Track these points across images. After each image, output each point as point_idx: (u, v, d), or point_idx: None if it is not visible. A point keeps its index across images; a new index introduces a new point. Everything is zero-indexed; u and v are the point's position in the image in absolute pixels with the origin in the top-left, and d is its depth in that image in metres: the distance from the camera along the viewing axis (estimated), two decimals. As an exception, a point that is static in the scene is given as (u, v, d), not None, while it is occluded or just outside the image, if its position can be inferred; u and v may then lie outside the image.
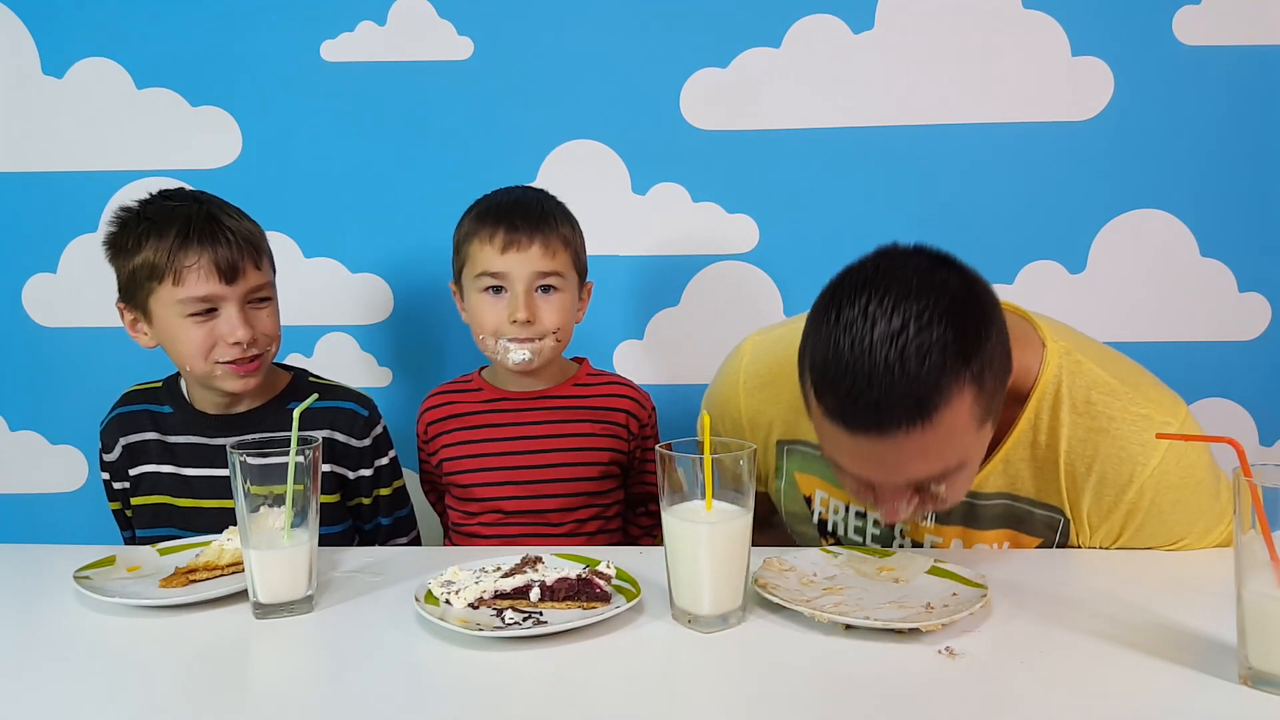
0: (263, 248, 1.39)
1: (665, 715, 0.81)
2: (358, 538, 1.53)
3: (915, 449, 0.95)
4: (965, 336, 0.94)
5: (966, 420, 0.96)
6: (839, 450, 1.02)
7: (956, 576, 1.03)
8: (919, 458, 0.97)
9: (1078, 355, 1.15)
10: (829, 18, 1.76)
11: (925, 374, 0.91)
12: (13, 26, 1.81)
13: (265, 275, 1.38)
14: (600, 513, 1.47)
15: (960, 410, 0.95)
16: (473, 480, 1.44)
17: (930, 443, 0.95)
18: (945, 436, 0.95)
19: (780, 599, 0.96)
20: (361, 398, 1.49)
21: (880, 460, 0.98)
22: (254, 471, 0.99)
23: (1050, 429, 1.13)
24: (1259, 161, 1.75)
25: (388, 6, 1.79)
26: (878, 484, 1.03)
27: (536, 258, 1.37)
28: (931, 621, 0.90)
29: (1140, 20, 1.74)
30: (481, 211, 1.42)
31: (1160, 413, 1.12)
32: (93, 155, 1.83)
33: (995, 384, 0.99)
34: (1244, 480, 0.79)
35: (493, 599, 0.99)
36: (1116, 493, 1.12)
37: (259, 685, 0.89)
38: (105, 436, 1.46)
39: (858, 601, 0.98)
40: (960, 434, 0.97)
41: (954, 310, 0.94)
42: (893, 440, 0.94)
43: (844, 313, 0.95)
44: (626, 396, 1.49)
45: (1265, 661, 0.79)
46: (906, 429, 0.93)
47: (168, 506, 1.41)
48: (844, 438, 0.97)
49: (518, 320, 1.37)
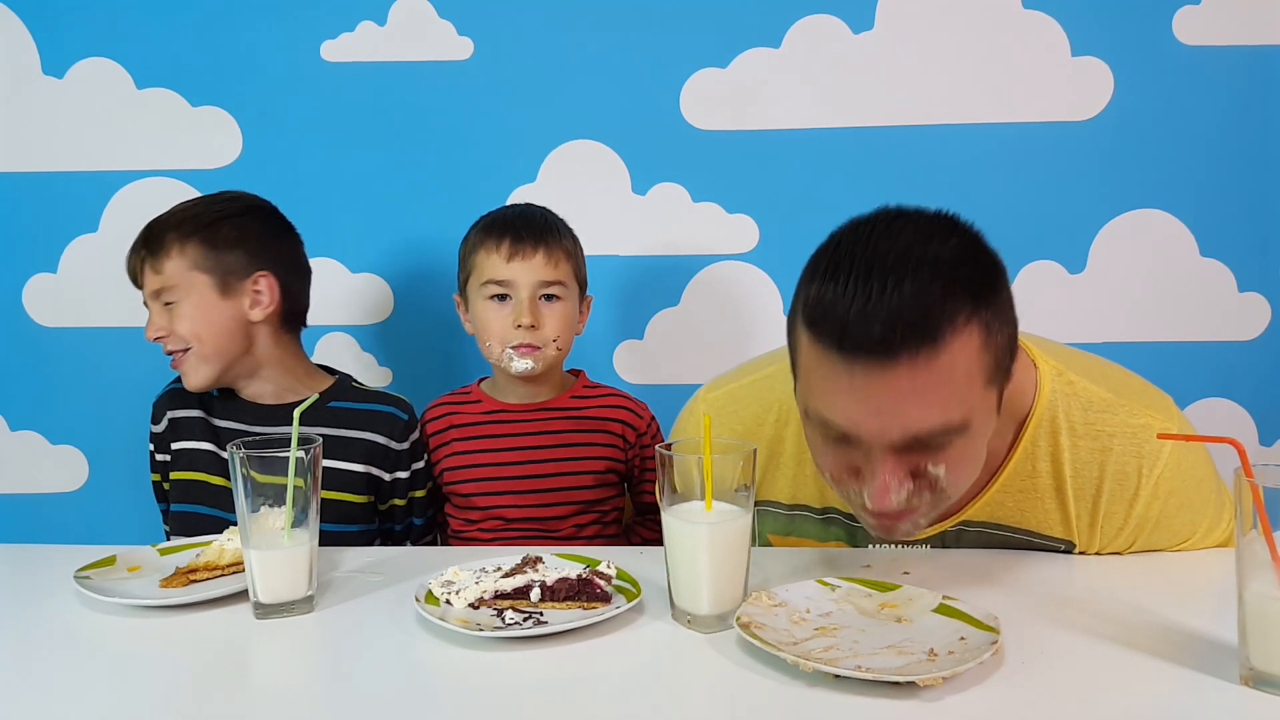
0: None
1: (665, 715, 0.80)
2: (380, 538, 1.54)
3: (918, 385, 0.87)
4: (976, 276, 0.90)
5: (974, 366, 0.90)
6: (833, 398, 0.92)
7: (966, 617, 0.91)
8: (920, 399, 0.88)
9: (1070, 375, 1.12)
10: (829, 18, 1.76)
11: (935, 294, 0.86)
12: (13, 26, 1.81)
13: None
14: (599, 518, 1.49)
15: (969, 349, 0.88)
16: (473, 490, 1.47)
17: (934, 380, 0.87)
18: (950, 376, 0.88)
19: (764, 641, 0.85)
20: (400, 402, 1.52)
21: (878, 403, 0.89)
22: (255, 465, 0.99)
23: (1052, 456, 1.11)
24: (1259, 161, 1.76)
25: (388, 6, 1.79)
26: (871, 447, 0.93)
27: (540, 266, 1.42)
28: (931, 674, 0.79)
29: (1140, 20, 1.74)
30: (488, 224, 1.46)
31: (1157, 419, 1.11)
32: (93, 155, 1.83)
33: (1002, 349, 0.93)
34: (1245, 480, 0.79)
35: (493, 599, 0.99)
36: (1126, 506, 1.11)
37: (259, 685, 0.89)
38: (156, 408, 1.52)
39: (852, 645, 0.87)
40: (966, 381, 0.90)
41: (964, 250, 0.91)
42: (894, 372, 0.87)
43: (844, 246, 0.90)
44: (622, 407, 1.52)
45: (1267, 662, 0.79)
46: (911, 356, 0.86)
47: (201, 483, 1.44)
48: (841, 376, 0.89)
49: (522, 325, 1.40)
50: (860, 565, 1.11)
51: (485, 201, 1.80)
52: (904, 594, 0.98)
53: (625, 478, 1.53)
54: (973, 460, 0.99)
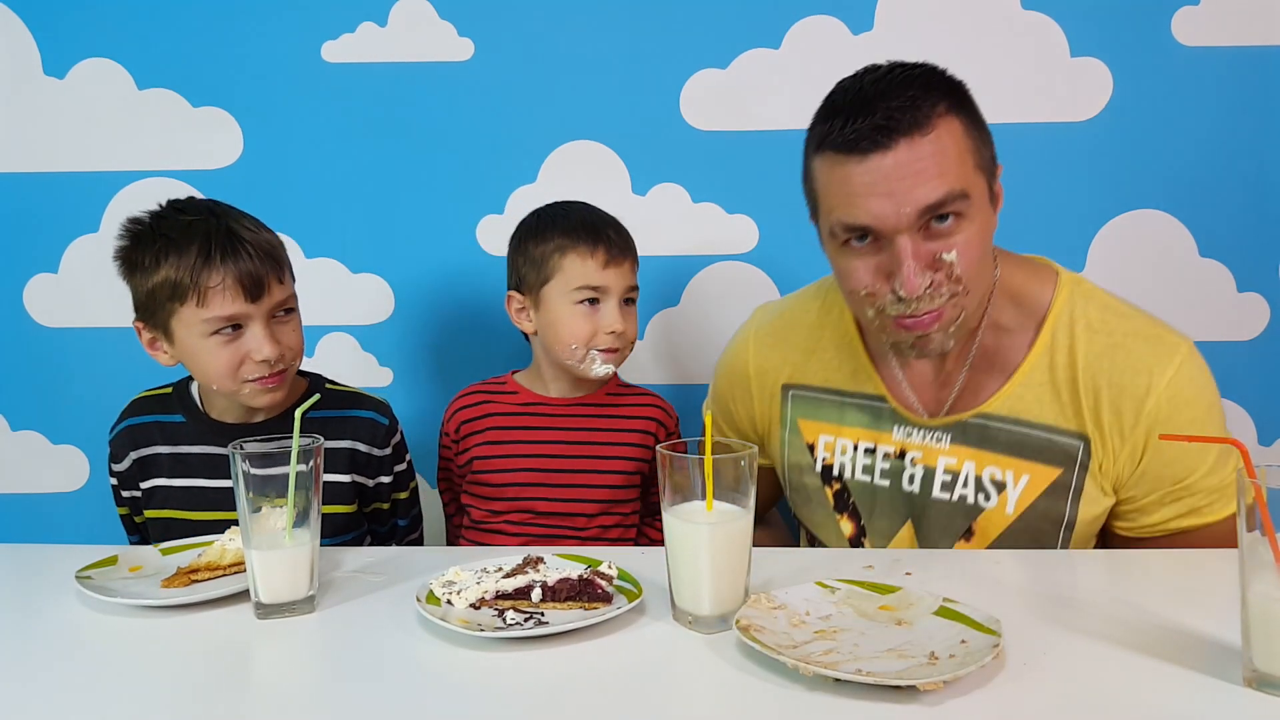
0: (283, 258, 1.35)
1: (666, 716, 0.81)
2: (369, 539, 1.53)
3: (917, 161, 1.06)
4: (949, 83, 1.13)
5: (962, 148, 1.10)
6: (852, 199, 1.09)
7: (967, 620, 0.91)
8: (922, 174, 1.06)
9: (1089, 284, 1.24)
10: (829, 18, 1.76)
11: (917, 91, 1.08)
12: (13, 26, 1.81)
13: (288, 288, 1.35)
14: (621, 520, 1.51)
15: (954, 133, 1.09)
16: (506, 480, 1.47)
17: (930, 154, 1.07)
18: (942, 151, 1.07)
19: (763, 645, 0.85)
20: (380, 404, 1.48)
21: (888, 185, 1.07)
22: (256, 471, 0.99)
23: (1068, 349, 1.19)
24: (1258, 162, 1.76)
25: (388, 7, 1.79)
26: (891, 237, 1.09)
27: (628, 272, 1.46)
28: (932, 679, 0.79)
29: (1139, 21, 1.74)
30: (573, 226, 1.45)
31: (1170, 334, 1.20)
32: (94, 155, 1.83)
33: (982, 142, 1.13)
34: (1248, 481, 0.79)
35: (494, 599, 1.00)
36: (1136, 404, 1.16)
37: (260, 685, 0.89)
38: (115, 447, 1.43)
39: (852, 648, 0.87)
40: (958, 158, 1.09)
41: (935, 69, 1.14)
42: (895, 154, 1.06)
43: (836, 92, 1.14)
44: (656, 406, 1.54)
45: (1270, 664, 0.79)
46: (907, 139, 1.06)
47: (180, 521, 1.38)
48: (853, 176, 1.08)
49: (614, 331, 1.43)
50: (862, 566, 1.12)
51: (485, 201, 1.82)
52: (904, 596, 0.98)
53: (646, 478, 1.53)
54: (979, 250, 1.12)
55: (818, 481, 1.33)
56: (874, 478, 1.28)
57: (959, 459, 1.23)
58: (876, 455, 1.28)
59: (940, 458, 1.24)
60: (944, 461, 1.24)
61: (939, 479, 1.24)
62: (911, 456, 1.26)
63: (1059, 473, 1.19)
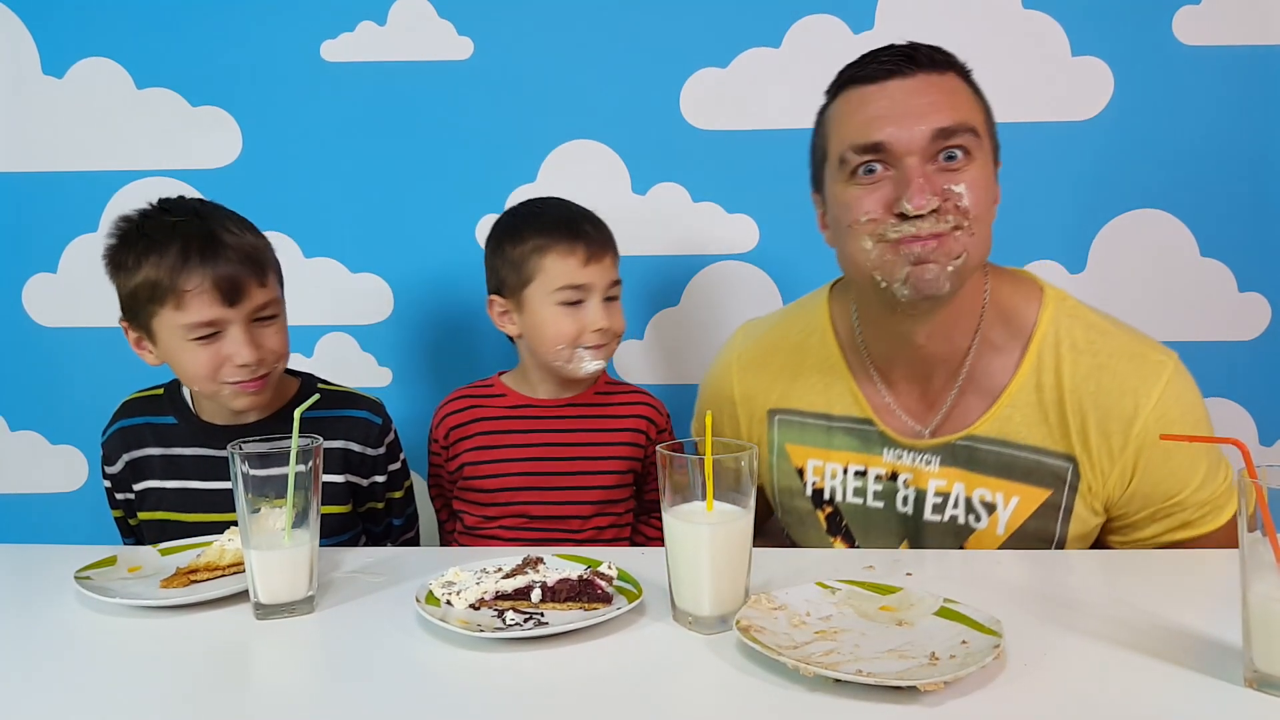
0: (267, 261, 1.32)
1: (666, 716, 0.80)
2: (365, 539, 1.52)
3: (933, 91, 1.12)
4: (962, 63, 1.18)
5: (974, 103, 1.16)
6: (869, 119, 1.13)
7: (968, 620, 0.91)
8: (937, 101, 1.12)
9: (1073, 301, 1.23)
10: (829, 18, 1.76)
11: (940, 53, 1.16)
12: (13, 26, 1.80)
13: (271, 291, 1.32)
14: (616, 520, 1.49)
15: (966, 91, 1.16)
16: (497, 485, 1.45)
17: (946, 87, 1.13)
18: (957, 91, 1.14)
19: (764, 645, 0.85)
20: (373, 404, 1.47)
21: (905, 107, 1.11)
22: (255, 471, 0.99)
23: (1054, 370, 1.18)
24: (1259, 162, 1.76)
25: (388, 6, 1.79)
26: (902, 157, 1.11)
27: (609, 267, 1.43)
28: (933, 679, 0.78)
29: (1140, 20, 1.74)
30: (549, 225, 1.41)
31: (1155, 352, 1.18)
32: (93, 155, 1.83)
33: (989, 117, 1.18)
34: (1249, 481, 0.79)
35: (494, 600, 0.99)
36: (1124, 427, 1.15)
37: (259, 686, 0.89)
38: (107, 449, 1.43)
39: (853, 649, 0.87)
40: (967, 99, 1.15)
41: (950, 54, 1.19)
42: (914, 81, 1.13)
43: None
44: (645, 404, 1.52)
45: (1270, 664, 0.79)
46: (926, 72, 1.13)
47: (174, 523, 1.38)
48: (872, 99, 1.14)
49: (601, 328, 1.40)
50: (862, 566, 1.12)
51: (485, 201, 1.81)
52: (905, 597, 0.98)
53: (640, 477, 1.52)
54: (985, 194, 1.14)
55: (809, 505, 1.33)
56: (867, 500, 1.27)
57: (949, 481, 1.22)
58: (868, 478, 1.27)
59: (930, 480, 1.23)
60: (934, 484, 1.23)
61: (930, 501, 1.23)
62: (904, 478, 1.25)
63: (1048, 494, 1.19)
